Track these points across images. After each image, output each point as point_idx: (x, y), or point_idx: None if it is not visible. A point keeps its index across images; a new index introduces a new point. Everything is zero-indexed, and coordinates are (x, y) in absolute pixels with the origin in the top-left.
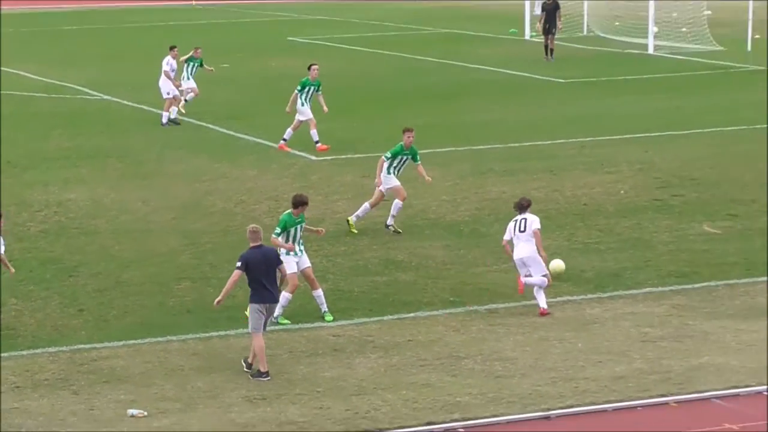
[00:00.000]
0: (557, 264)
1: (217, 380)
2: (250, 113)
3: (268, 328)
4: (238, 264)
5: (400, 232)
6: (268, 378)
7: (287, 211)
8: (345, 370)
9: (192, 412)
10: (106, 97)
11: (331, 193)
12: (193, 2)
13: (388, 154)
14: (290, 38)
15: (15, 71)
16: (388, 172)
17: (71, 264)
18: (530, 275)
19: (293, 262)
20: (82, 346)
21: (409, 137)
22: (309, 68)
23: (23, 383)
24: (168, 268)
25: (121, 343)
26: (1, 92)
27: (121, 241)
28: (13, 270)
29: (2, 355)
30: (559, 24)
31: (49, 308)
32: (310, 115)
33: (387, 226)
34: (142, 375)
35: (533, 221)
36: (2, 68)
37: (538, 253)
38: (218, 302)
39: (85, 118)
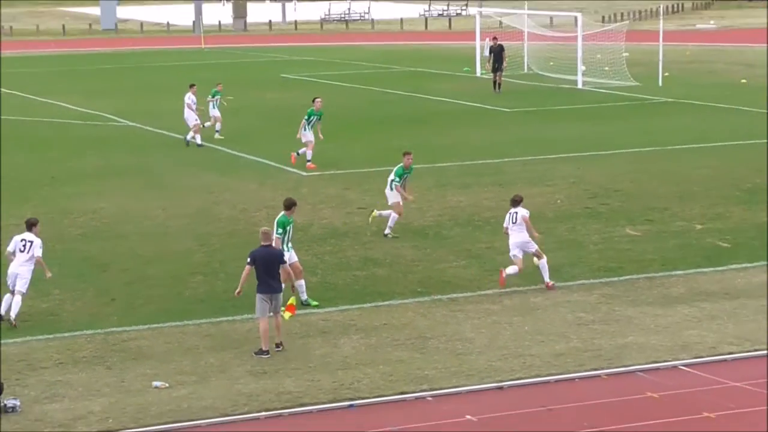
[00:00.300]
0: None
1: (226, 357)
2: (251, 137)
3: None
4: (248, 260)
5: (397, 237)
6: (268, 356)
7: (281, 213)
8: (332, 348)
9: (205, 384)
10: (131, 123)
11: (318, 203)
12: (203, 46)
13: (397, 178)
14: (283, 75)
15: (57, 102)
16: (390, 189)
17: (104, 261)
18: (529, 252)
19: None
20: (113, 329)
21: (408, 159)
22: (313, 101)
23: (65, 360)
24: (184, 264)
25: (146, 326)
26: (45, 120)
27: (145, 243)
28: (50, 274)
29: (48, 336)
30: (504, 63)
31: (86, 298)
32: (311, 139)
33: (385, 235)
34: (164, 353)
35: (523, 214)
36: (46, 100)
37: (530, 234)
38: (238, 293)
39: (114, 141)
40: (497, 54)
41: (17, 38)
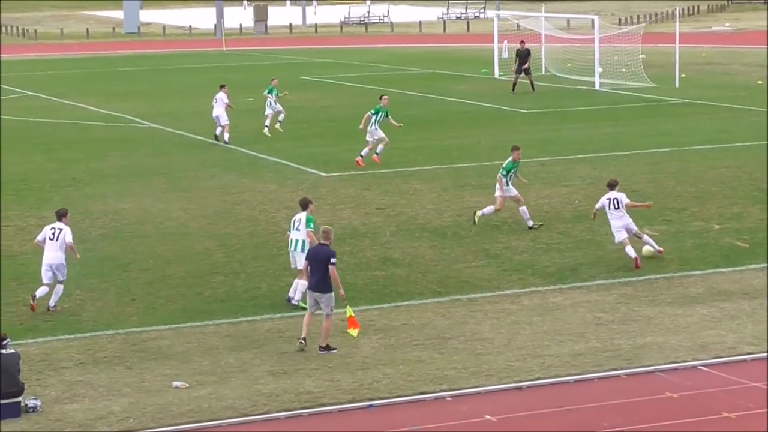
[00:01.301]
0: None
1: (245, 357)
2: (270, 138)
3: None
4: (305, 256)
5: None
6: (334, 350)
7: (306, 213)
8: (351, 348)
9: (225, 384)
10: (152, 125)
11: (337, 204)
12: (224, 48)
13: (504, 171)
14: (303, 77)
15: (79, 104)
16: (507, 185)
17: (125, 261)
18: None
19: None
20: (134, 329)
21: (518, 154)
22: (380, 98)
23: (86, 360)
24: (204, 264)
25: (166, 326)
26: (68, 121)
27: (166, 243)
28: (78, 256)
29: (69, 336)
30: (526, 65)
31: (107, 298)
32: (382, 135)
33: (530, 228)
34: (184, 353)
35: (623, 199)
36: (70, 102)
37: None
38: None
39: (136, 142)
40: (523, 57)
41: (42, 41)
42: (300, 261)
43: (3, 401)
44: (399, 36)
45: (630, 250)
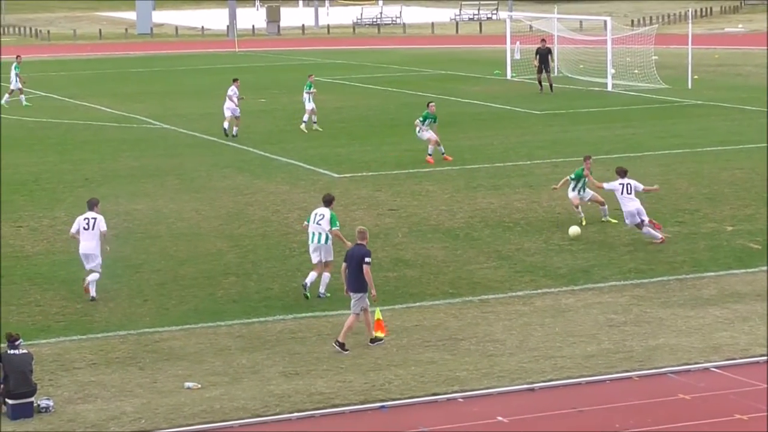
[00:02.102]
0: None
1: (257, 358)
2: (283, 139)
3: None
4: (344, 258)
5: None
6: (347, 352)
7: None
8: (363, 350)
9: (237, 385)
10: (165, 126)
11: (350, 205)
12: (236, 49)
13: (573, 176)
14: (315, 78)
15: (92, 105)
16: (574, 190)
17: (137, 262)
18: (641, 222)
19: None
20: (146, 329)
21: (588, 164)
22: (428, 105)
23: (98, 360)
24: (216, 265)
25: (179, 327)
26: (81, 122)
27: (178, 243)
28: (108, 248)
29: (81, 336)
30: (550, 65)
31: (120, 298)
32: (432, 135)
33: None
34: (196, 354)
35: (636, 185)
36: (82, 103)
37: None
38: (346, 291)
39: (148, 143)
40: (544, 56)
41: (55, 42)
42: (324, 254)
43: (16, 401)
44: (411, 37)
45: (649, 232)
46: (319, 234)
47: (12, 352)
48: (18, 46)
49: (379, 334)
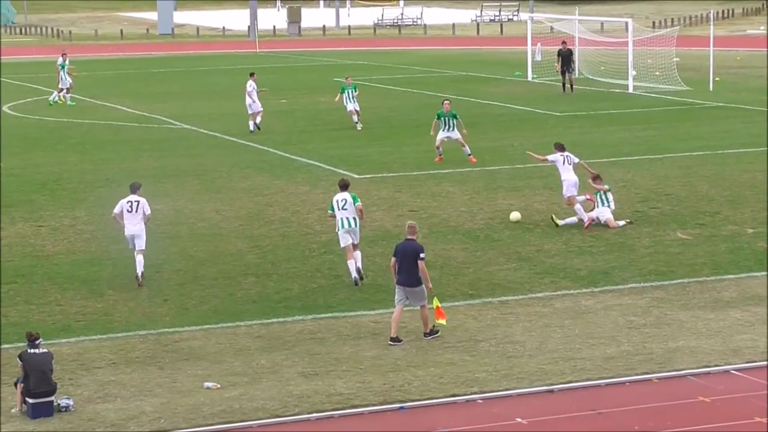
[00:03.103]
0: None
1: (277, 358)
2: (303, 140)
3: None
4: (393, 252)
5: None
6: (401, 343)
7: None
8: (383, 350)
9: (257, 385)
10: (185, 126)
11: (370, 205)
12: (257, 50)
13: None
14: (335, 79)
15: (113, 105)
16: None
17: (157, 262)
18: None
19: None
20: (166, 329)
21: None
22: (442, 103)
23: (118, 360)
24: (236, 265)
25: (198, 327)
26: (102, 122)
27: (198, 244)
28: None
29: (101, 336)
30: (573, 66)
31: (140, 298)
32: (458, 136)
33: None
34: (216, 354)
35: (573, 158)
36: (104, 103)
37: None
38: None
39: (169, 143)
40: (566, 57)
41: (76, 42)
42: (354, 237)
43: (36, 400)
44: (432, 38)
45: (579, 209)
46: (348, 218)
47: (32, 351)
48: (39, 46)
49: (442, 321)
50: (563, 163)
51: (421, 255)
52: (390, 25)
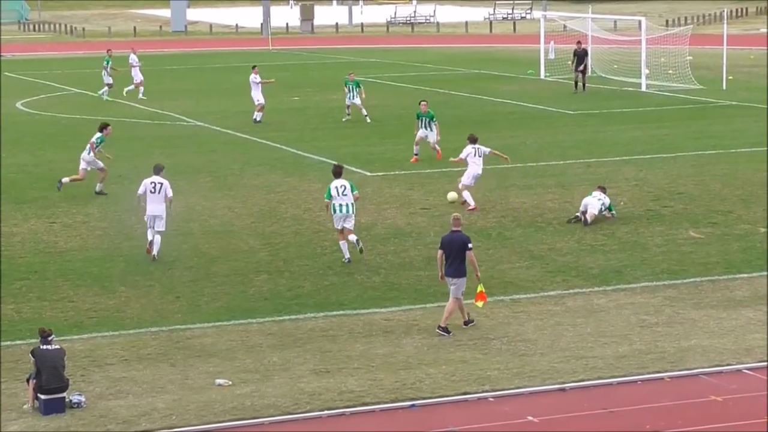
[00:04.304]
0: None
1: (289, 356)
2: (315, 137)
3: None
4: (440, 245)
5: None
6: (448, 335)
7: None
8: (394, 348)
9: (268, 382)
10: (198, 123)
11: (382, 203)
12: (270, 47)
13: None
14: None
15: (126, 102)
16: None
17: (170, 259)
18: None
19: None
20: (178, 326)
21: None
22: (419, 104)
23: (130, 357)
24: (248, 262)
25: (210, 324)
26: (115, 119)
27: (210, 241)
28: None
29: (113, 333)
30: (586, 67)
31: (152, 295)
32: (432, 139)
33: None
34: (227, 351)
35: (484, 150)
36: (116, 100)
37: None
38: (441, 277)
39: (181, 140)
40: (581, 57)
41: (89, 39)
42: (349, 222)
43: (48, 396)
44: (445, 36)
45: (468, 196)
46: (347, 204)
47: (45, 347)
48: (53, 43)
49: (479, 303)
50: (474, 155)
51: (469, 245)
52: (403, 23)
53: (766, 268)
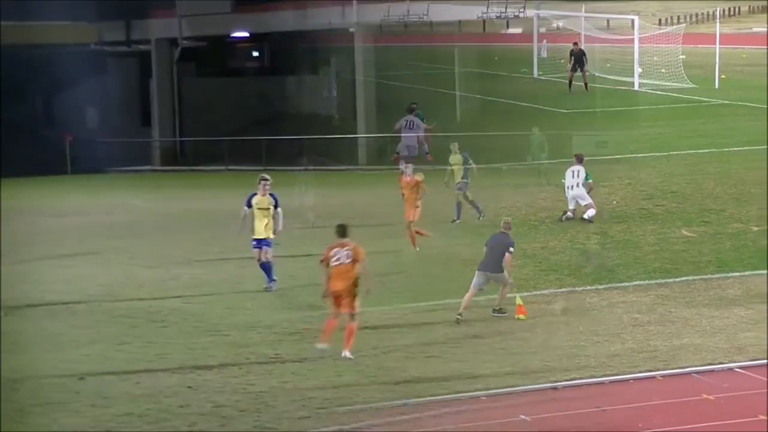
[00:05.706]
0: None
1: None
2: None
3: None
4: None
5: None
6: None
7: None
8: (387, 346)
9: None
10: None
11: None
12: None
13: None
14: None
15: None
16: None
17: None
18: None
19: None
20: None
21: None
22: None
23: None
24: None
25: None
26: None
27: None
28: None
29: None
30: (585, 66)
31: None
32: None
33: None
34: None
35: (418, 122)
36: None
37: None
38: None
39: None
40: (578, 57)
41: None
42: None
43: None
44: (438, 35)
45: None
46: None
47: None
48: None
49: (521, 317)
50: (405, 126)
51: (511, 249)
52: (396, 22)
53: (767, 267)
